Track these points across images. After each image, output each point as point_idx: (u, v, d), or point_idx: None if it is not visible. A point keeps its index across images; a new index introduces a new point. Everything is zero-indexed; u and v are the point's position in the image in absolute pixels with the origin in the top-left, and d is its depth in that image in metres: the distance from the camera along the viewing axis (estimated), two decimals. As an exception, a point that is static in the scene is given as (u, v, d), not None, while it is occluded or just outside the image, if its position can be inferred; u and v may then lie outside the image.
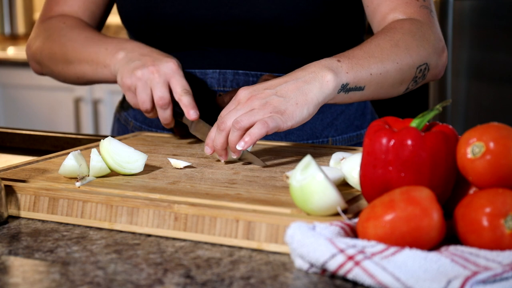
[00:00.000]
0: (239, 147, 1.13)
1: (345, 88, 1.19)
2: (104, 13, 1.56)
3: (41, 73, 1.56)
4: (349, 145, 1.48)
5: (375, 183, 0.91)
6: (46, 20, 1.53)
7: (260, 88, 1.16)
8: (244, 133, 1.13)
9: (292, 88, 1.15)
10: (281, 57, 1.42)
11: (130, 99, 1.33)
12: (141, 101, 1.30)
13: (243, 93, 1.17)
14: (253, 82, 1.41)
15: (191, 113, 1.29)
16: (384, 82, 1.25)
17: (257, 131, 1.11)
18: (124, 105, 1.60)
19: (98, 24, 1.56)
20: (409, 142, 0.89)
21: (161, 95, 1.29)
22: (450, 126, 0.93)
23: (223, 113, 1.17)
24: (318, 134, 1.46)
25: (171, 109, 1.31)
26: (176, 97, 1.30)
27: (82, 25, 1.49)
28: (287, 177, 1.05)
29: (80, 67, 1.44)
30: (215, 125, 1.18)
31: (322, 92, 1.16)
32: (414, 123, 0.92)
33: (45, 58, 1.51)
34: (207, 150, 1.19)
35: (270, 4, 1.36)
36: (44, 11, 1.56)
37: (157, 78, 1.29)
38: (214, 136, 1.17)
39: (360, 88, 1.22)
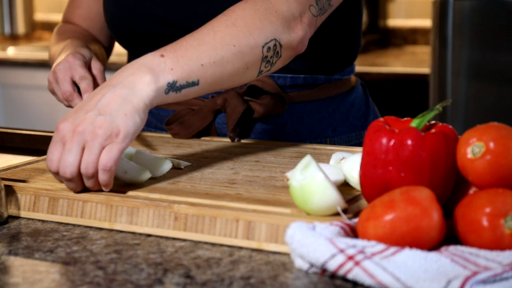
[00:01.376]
0: (106, 189, 1.04)
1: (174, 87, 1.07)
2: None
3: None
4: (349, 145, 1.48)
5: (375, 183, 0.91)
6: (60, 24, 1.61)
7: (80, 115, 1.03)
8: (97, 173, 1.02)
9: (114, 100, 1.03)
10: None
11: (58, 101, 1.38)
12: (59, 100, 1.36)
13: (64, 127, 1.03)
14: (246, 84, 1.40)
15: (85, 96, 1.31)
16: (223, 71, 1.11)
17: (106, 178, 1.02)
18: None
19: (105, 35, 1.60)
20: (409, 142, 0.89)
21: (64, 90, 1.32)
22: (450, 126, 0.93)
23: (53, 157, 1.03)
24: (316, 135, 1.45)
25: (78, 97, 1.32)
26: (79, 86, 1.33)
27: (74, 30, 1.55)
28: (287, 178, 1.05)
29: None
30: (51, 169, 1.04)
31: (145, 96, 1.04)
32: (414, 123, 0.92)
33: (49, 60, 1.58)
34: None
35: None
36: (63, 15, 1.63)
37: (59, 75, 1.33)
38: (67, 185, 1.05)
39: (193, 83, 1.09)
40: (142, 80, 1.05)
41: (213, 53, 1.10)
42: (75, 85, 1.33)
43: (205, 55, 1.09)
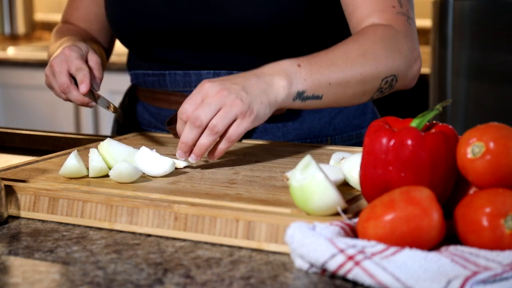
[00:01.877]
0: (210, 159, 1.16)
1: (301, 96, 1.18)
2: (110, 33, 1.60)
3: None
4: (349, 144, 1.48)
5: (375, 183, 0.91)
6: (60, 24, 1.62)
7: (227, 83, 1.14)
8: (219, 135, 1.13)
9: (257, 87, 1.14)
10: (272, 58, 1.42)
11: (56, 95, 1.40)
12: (57, 93, 1.38)
13: (211, 86, 1.13)
14: None
15: (81, 87, 1.32)
16: (344, 92, 1.23)
17: (224, 147, 1.15)
18: (124, 106, 1.61)
19: (105, 36, 1.60)
20: (409, 142, 0.89)
21: (60, 82, 1.33)
22: (450, 126, 0.92)
23: (189, 107, 1.13)
24: (317, 133, 1.46)
25: (75, 89, 1.33)
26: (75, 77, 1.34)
27: (72, 30, 1.55)
28: (287, 178, 1.05)
29: None
30: (180, 118, 1.14)
31: (277, 96, 1.16)
32: (414, 123, 0.92)
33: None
34: (181, 155, 1.15)
35: (244, 10, 1.36)
36: (62, 15, 1.64)
37: (56, 69, 1.34)
38: (184, 132, 1.14)
39: (317, 97, 1.21)
40: (280, 83, 1.16)
41: (342, 76, 1.21)
42: (72, 78, 1.34)
43: (334, 75, 1.21)
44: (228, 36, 1.38)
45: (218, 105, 1.12)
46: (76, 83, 1.33)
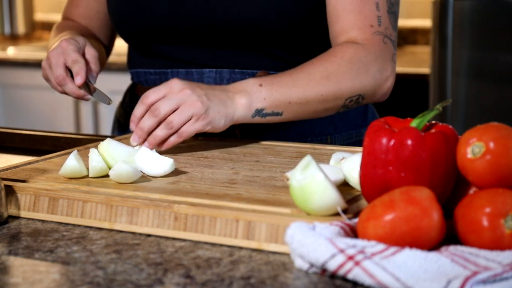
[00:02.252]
0: (159, 149, 1.23)
1: (260, 113, 1.28)
2: (110, 24, 1.60)
3: None
4: (348, 143, 1.49)
5: (375, 183, 0.91)
6: (61, 20, 1.62)
7: (193, 84, 1.23)
8: (172, 132, 1.22)
9: (218, 97, 1.24)
10: (274, 57, 1.42)
11: (52, 87, 1.39)
12: (53, 85, 1.38)
13: (177, 83, 1.22)
14: None
15: (76, 79, 1.33)
16: (305, 110, 1.32)
17: (174, 141, 1.23)
18: (124, 105, 1.61)
19: (105, 34, 1.61)
20: (409, 142, 0.89)
21: (56, 74, 1.34)
22: (450, 126, 0.92)
23: (152, 96, 1.22)
24: (317, 132, 1.46)
25: (71, 82, 1.34)
26: (71, 69, 1.35)
27: (73, 26, 1.55)
28: (287, 178, 1.05)
29: None
30: (142, 104, 1.22)
31: (235, 112, 1.26)
32: (414, 123, 0.92)
33: None
34: (132, 126, 1.23)
35: (249, 6, 1.37)
36: (63, 11, 1.64)
37: (52, 61, 1.35)
38: (143, 119, 1.22)
39: (277, 114, 1.30)
40: (239, 101, 1.26)
41: (302, 95, 1.30)
42: (69, 71, 1.34)
43: (295, 95, 1.29)
44: (231, 33, 1.39)
45: (179, 101, 1.21)
46: (72, 76, 1.33)
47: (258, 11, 1.36)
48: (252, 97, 1.26)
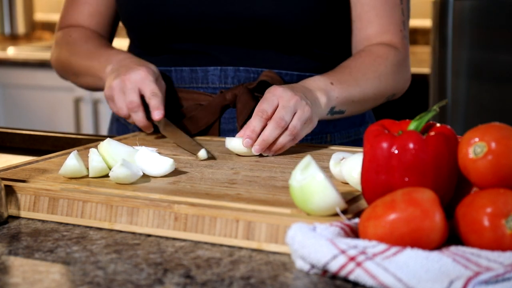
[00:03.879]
0: (279, 152, 1.25)
1: (332, 111, 1.33)
2: (112, 22, 1.60)
3: (65, 79, 1.65)
4: (348, 141, 1.50)
5: (378, 189, 0.91)
6: (59, 30, 1.61)
7: (294, 89, 1.25)
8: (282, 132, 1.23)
9: (312, 99, 1.27)
10: (280, 55, 1.43)
11: (110, 106, 1.39)
12: (119, 107, 1.36)
13: (284, 91, 1.24)
14: (254, 79, 1.42)
15: (155, 113, 1.33)
16: (360, 108, 1.42)
17: (290, 144, 1.25)
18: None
19: (108, 33, 1.60)
20: (411, 146, 0.88)
21: (130, 99, 1.34)
22: (449, 127, 0.92)
23: (268, 108, 1.23)
24: (317, 131, 1.46)
25: (143, 111, 1.35)
26: (147, 101, 1.35)
27: (86, 36, 1.55)
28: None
29: (86, 79, 1.53)
30: (258, 117, 1.23)
31: (320, 112, 1.30)
32: (412, 125, 0.92)
33: (59, 69, 1.60)
34: (248, 143, 1.23)
35: (266, 2, 1.37)
36: (59, 20, 1.62)
37: (128, 85, 1.34)
38: (266, 131, 1.22)
39: (341, 112, 1.36)
40: (321, 99, 1.31)
41: (362, 94, 1.38)
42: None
43: (357, 94, 1.37)
44: (246, 30, 1.39)
45: (294, 107, 1.23)
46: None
47: (276, 8, 1.37)
48: (328, 95, 1.31)
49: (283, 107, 1.22)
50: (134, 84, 1.34)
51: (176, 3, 1.41)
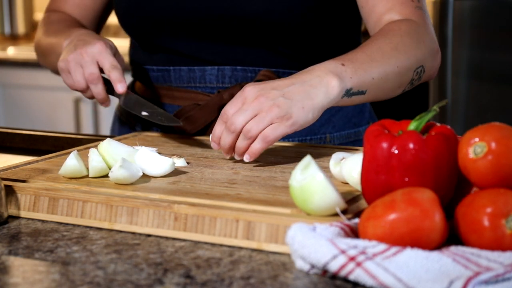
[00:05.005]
0: (246, 159, 1.17)
1: (348, 93, 1.21)
2: (98, 18, 1.60)
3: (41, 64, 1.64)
4: (347, 142, 1.49)
5: (378, 189, 0.91)
6: (45, 12, 1.61)
7: (267, 88, 1.16)
8: (253, 141, 1.15)
9: (299, 91, 1.15)
10: (277, 53, 1.43)
11: (65, 80, 1.38)
12: (76, 80, 1.35)
13: (250, 91, 1.16)
14: (252, 78, 1.42)
15: (118, 86, 1.32)
16: (384, 86, 1.27)
17: (259, 147, 1.15)
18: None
19: (91, 27, 1.60)
20: (412, 146, 0.88)
21: (90, 71, 1.32)
22: (448, 127, 0.92)
23: (229, 110, 1.16)
24: (316, 131, 1.46)
25: (102, 84, 1.34)
26: (106, 73, 1.34)
27: (63, 19, 1.54)
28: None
29: (50, 59, 1.51)
30: (220, 121, 1.18)
31: (327, 97, 1.17)
32: (412, 125, 0.92)
33: (36, 51, 1.59)
34: (213, 146, 1.20)
35: (261, 0, 1.37)
36: (48, 4, 1.63)
37: (85, 57, 1.33)
38: (222, 136, 1.18)
39: (362, 92, 1.23)
40: (330, 83, 1.17)
41: (382, 70, 1.25)
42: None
43: (375, 70, 1.24)
44: (239, 27, 1.39)
45: (254, 110, 1.14)
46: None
47: (267, 4, 1.37)
48: (340, 76, 1.19)
49: (240, 110, 1.15)
50: (92, 57, 1.33)
51: (169, 1, 1.41)
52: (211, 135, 1.21)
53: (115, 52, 1.38)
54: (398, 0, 1.35)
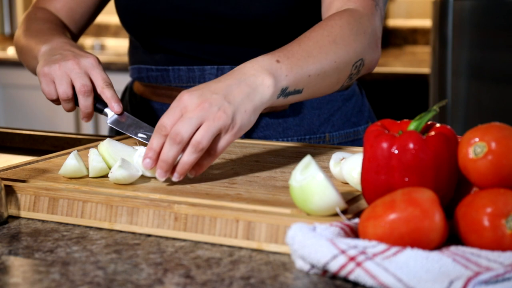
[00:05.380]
0: (191, 175, 1.08)
1: (284, 93, 1.12)
2: (82, 21, 1.57)
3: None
4: (346, 141, 1.49)
5: (378, 189, 0.91)
6: (31, 8, 1.57)
7: (206, 93, 1.06)
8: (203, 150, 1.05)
9: (239, 93, 1.06)
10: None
11: (44, 87, 1.32)
12: (61, 90, 1.29)
13: (189, 98, 1.05)
14: None
15: (115, 106, 1.27)
16: (322, 83, 1.19)
17: (210, 161, 1.08)
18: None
19: (75, 28, 1.58)
20: (412, 146, 0.88)
21: (83, 83, 1.27)
22: (448, 127, 0.92)
23: (167, 121, 1.05)
24: (315, 130, 1.46)
25: (92, 98, 1.29)
26: (98, 90, 1.29)
27: (48, 19, 1.51)
28: None
29: (25, 57, 1.46)
30: (157, 134, 1.06)
31: (263, 98, 1.09)
32: (412, 125, 0.92)
33: (15, 45, 1.53)
34: (147, 164, 1.07)
35: (255, 1, 1.37)
36: (35, 0, 1.59)
37: (77, 69, 1.28)
38: (164, 150, 1.05)
39: (298, 91, 1.15)
40: (264, 82, 1.09)
41: (319, 66, 1.16)
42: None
43: (312, 67, 1.15)
44: (238, 28, 1.39)
45: (200, 118, 1.04)
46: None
47: (264, 7, 1.37)
48: (275, 75, 1.10)
49: (183, 119, 1.04)
50: (85, 69, 1.28)
51: (170, 1, 1.41)
52: (139, 152, 1.10)
53: (103, 69, 1.34)
54: None
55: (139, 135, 1.26)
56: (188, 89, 1.07)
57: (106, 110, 1.30)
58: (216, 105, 1.04)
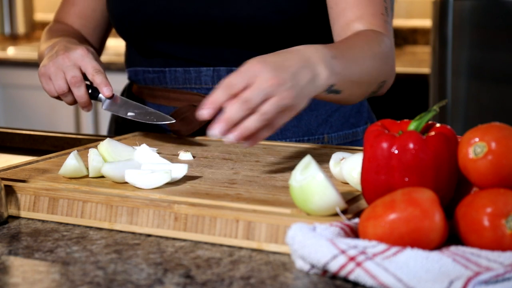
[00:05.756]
0: (247, 145, 1.08)
1: (329, 89, 1.14)
2: (100, 28, 1.60)
3: None
4: (345, 142, 1.49)
5: (378, 189, 0.91)
6: (51, 23, 1.61)
7: (277, 69, 1.06)
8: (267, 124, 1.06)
9: (304, 77, 1.07)
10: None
11: (45, 86, 1.37)
12: (57, 85, 1.33)
13: (262, 71, 1.05)
14: None
15: (104, 90, 1.31)
16: (356, 91, 1.22)
17: (266, 135, 1.08)
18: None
19: (93, 36, 1.60)
20: (412, 146, 0.88)
21: (73, 74, 1.31)
22: (448, 127, 0.92)
23: (238, 83, 1.04)
24: (314, 131, 1.46)
25: (85, 87, 1.33)
26: (89, 78, 1.33)
27: (64, 30, 1.54)
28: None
29: None
30: (225, 90, 1.05)
31: (317, 88, 1.10)
32: (412, 125, 0.92)
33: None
34: (206, 113, 1.06)
35: (248, 4, 1.37)
36: (54, 15, 1.63)
37: (67, 62, 1.32)
38: (231, 108, 1.04)
39: (338, 92, 1.17)
40: (322, 73, 1.10)
41: (359, 74, 1.20)
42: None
43: (356, 72, 1.19)
44: (230, 31, 1.39)
45: (270, 93, 1.04)
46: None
47: (257, 8, 1.37)
48: (332, 69, 1.11)
49: (256, 88, 1.03)
50: (74, 62, 1.32)
51: (161, 6, 1.41)
52: (208, 101, 1.06)
53: (96, 57, 1.37)
54: (369, 10, 1.32)
55: (129, 113, 1.31)
56: (258, 58, 1.08)
57: (100, 96, 1.34)
58: (285, 85, 1.05)
